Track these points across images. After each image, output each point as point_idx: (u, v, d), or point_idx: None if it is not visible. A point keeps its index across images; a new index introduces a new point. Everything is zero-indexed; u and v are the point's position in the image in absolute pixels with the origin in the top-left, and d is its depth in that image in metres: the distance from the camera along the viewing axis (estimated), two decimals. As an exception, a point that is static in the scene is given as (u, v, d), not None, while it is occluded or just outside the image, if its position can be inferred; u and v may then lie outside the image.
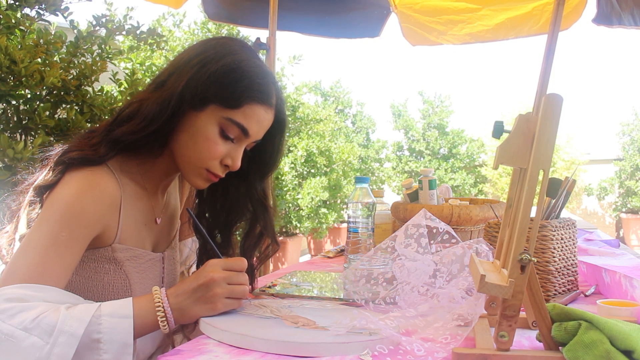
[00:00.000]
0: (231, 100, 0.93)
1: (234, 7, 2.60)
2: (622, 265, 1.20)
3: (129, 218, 0.97)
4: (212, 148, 0.94)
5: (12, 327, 0.74)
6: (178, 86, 0.92)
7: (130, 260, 0.97)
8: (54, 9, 2.12)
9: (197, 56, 0.95)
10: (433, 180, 1.55)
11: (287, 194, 5.56)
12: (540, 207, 0.91)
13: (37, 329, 0.74)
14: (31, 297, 0.78)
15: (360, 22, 2.62)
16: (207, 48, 0.96)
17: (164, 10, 5.12)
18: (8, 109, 2.00)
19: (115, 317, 0.79)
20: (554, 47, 0.81)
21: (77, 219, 0.86)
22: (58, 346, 0.74)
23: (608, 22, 2.13)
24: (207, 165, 0.96)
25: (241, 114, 0.94)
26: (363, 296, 0.98)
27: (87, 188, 0.89)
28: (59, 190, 0.89)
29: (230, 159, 0.97)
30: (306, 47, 45.00)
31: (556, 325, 0.71)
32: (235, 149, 0.97)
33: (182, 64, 0.96)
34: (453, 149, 9.54)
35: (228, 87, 0.93)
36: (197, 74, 0.93)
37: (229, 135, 0.95)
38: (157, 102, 0.93)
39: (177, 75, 0.94)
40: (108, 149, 0.93)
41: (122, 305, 0.82)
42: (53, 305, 0.78)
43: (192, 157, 0.96)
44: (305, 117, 6.10)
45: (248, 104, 0.94)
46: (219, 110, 0.93)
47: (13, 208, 0.99)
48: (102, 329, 0.78)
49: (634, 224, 8.80)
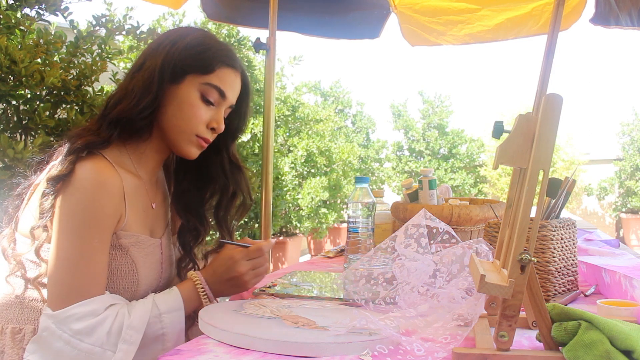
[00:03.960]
0: (205, 66, 1.05)
1: (233, 7, 2.60)
2: (622, 265, 1.20)
3: (131, 206, 1.02)
4: (197, 113, 1.05)
5: (90, 345, 0.89)
6: (156, 65, 1.03)
7: (134, 245, 1.03)
8: (54, 9, 2.12)
9: (164, 40, 1.07)
10: (433, 180, 1.55)
11: (287, 194, 5.55)
12: (540, 207, 0.91)
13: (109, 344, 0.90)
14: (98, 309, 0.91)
15: (360, 23, 2.61)
16: (170, 33, 1.10)
17: (163, 10, 5.12)
18: (8, 109, 2.00)
19: (172, 312, 0.97)
20: (554, 47, 0.81)
21: (101, 222, 0.95)
22: (120, 352, 0.90)
23: (605, 23, 2.13)
24: (196, 130, 1.06)
25: (216, 77, 1.06)
26: (363, 296, 0.98)
27: (99, 186, 0.94)
28: (74, 194, 0.93)
29: (215, 121, 1.08)
30: (306, 47, 45.06)
31: (556, 325, 0.71)
32: (217, 112, 1.08)
33: (153, 49, 1.07)
34: (453, 149, 9.54)
35: (199, 56, 1.05)
36: (169, 52, 1.04)
37: (209, 99, 1.06)
38: (141, 81, 1.03)
39: (151, 57, 1.05)
40: (109, 130, 1.01)
41: (174, 300, 0.99)
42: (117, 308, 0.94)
43: (181, 125, 1.05)
44: (305, 117, 6.10)
45: (219, 68, 1.06)
46: (197, 77, 1.05)
47: (10, 211, 1.05)
48: (165, 325, 0.96)
49: (634, 224, 8.80)
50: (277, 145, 5.86)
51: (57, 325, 0.89)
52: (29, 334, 0.98)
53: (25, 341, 0.97)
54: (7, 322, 0.99)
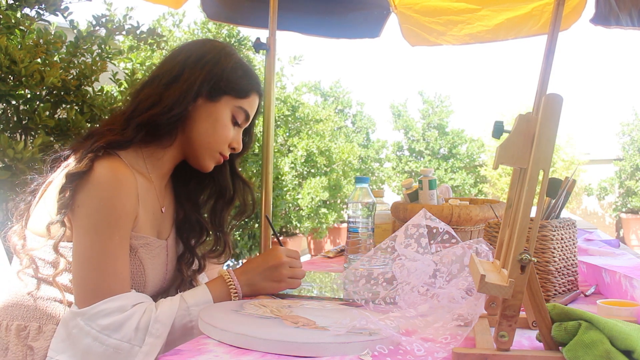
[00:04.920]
0: (243, 92, 1.12)
1: (233, 7, 2.60)
2: (622, 265, 1.20)
3: (143, 208, 1.03)
4: (227, 133, 1.11)
5: (118, 341, 0.89)
6: (196, 80, 1.06)
7: (143, 247, 1.04)
8: (53, 9, 2.12)
9: (205, 55, 1.10)
10: (433, 180, 1.55)
11: (287, 194, 5.55)
12: (540, 207, 0.91)
13: (137, 340, 0.90)
14: (126, 306, 0.92)
15: (360, 23, 2.61)
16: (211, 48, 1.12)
17: (163, 10, 5.12)
18: (8, 109, 2.00)
19: (199, 305, 0.97)
20: (554, 47, 0.81)
21: (121, 220, 0.96)
22: (146, 345, 0.90)
23: (606, 23, 2.13)
24: (221, 148, 1.12)
25: (248, 102, 1.14)
26: (363, 296, 0.98)
27: (118, 184, 0.95)
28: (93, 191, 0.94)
29: (236, 142, 1.14)
30: (306, 47, 45.01)
31: (556, 325, 0.71)
32: (238, 133, 1.15)
33: (193, 62, 1.09)
34: (453, 149, 9.53)
35: (240, 81, 1.12)
36: (212, 71, 1.08)
37: (237, 121, 1.13)
38: (178, 92, 1.05)
39: (190, 70, 1.07)
40: (135, 132, 1.03)
41: (202, 294, 1.01)
42: (145, 305, 0.94)
43: (210, 142, 1.10)
44: (305, 117, 6.10)
45: (252, 94, 1.14)
46: (233, 100, 1.11)
47: (22, 207, 1.05)
48: (194, 317, 0.96)
49: (634, 224, 8.79)
50: (277, 145, 5.86)
51: (85, 322, 0.89)
52: (34, 331, 0.98)
53: (30, 338, 0.97)
54: (12, 319, 0.99)
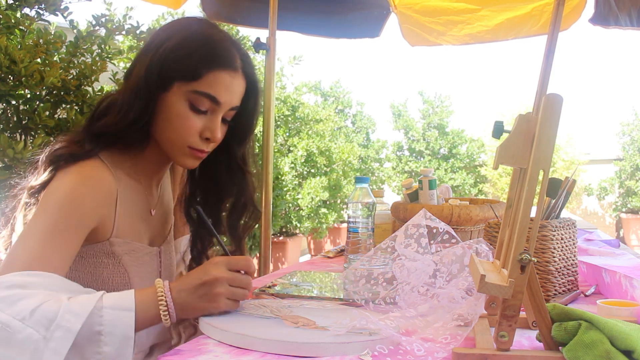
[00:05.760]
0: (191, 73, 0.93)
1: (233, 6, 2.60)
2: (622, 265, 1.20)
3: (125, 211, 0.97)
4: (185, 124, 0.95)
5: (9, 316, 0.72)
6: (141, 72, 0.94)
7: (128, 254, 0.98)
8: (53, 9, 2.12)
9: (152, 41, 0.97)
10: (433, 180, 1.54)
11: (287, 194, 5.55)
12: (540, 207, 0.91)
13: (34, 321, 0.73)
14: (32, 284, 0.77)
15: (360, 23, 2.62)
16: (160, 31, 0.99)
17: (163, 10, 5.11)
18: (8, 109, 2.00)
19: (117, 309, 0.78)
20: (554, 48, 0.81)
21: (74, 209, 0.87)
22: (53, 341, 0.73)
23: (605, 23, 2.13)
24: (187, 142, 0.96)
25: (205, 84, 0.94)
26: (363, 296, 0.98)
27: (82, 180, 0.90)
28: (54, 185, 0.89)
29: (208, 131, 0.97)
30: (306, 47, 45.01)
31: (556, 325, 0.71)
32: (211, 120, 0.97)
33: (142, 53, 0.98)
34: (453, 149, 9.54)
35: (184, 60, 0.93)
36: (154, 56, 0.94)
37: (199, 108, 0.95)
38: (127, 92, 0.95)
39: (139, 63, 0.96)
40: (93, 144, 0.94)
41: (124, 298, 0.80)
42: (54, 294, 0.77)
43: (171, 137, 0.97)
44: (305, 117, 6.10)
45: (209, 72, 0.94)
46: (183, 85, 0.94)
47: (7, 212, 1.00)
48: (104, 321, 0.76)
49: (634, 224, 8.80)
50: (277, 145, 5.86)
51: None
52: None
53: None
54: None
